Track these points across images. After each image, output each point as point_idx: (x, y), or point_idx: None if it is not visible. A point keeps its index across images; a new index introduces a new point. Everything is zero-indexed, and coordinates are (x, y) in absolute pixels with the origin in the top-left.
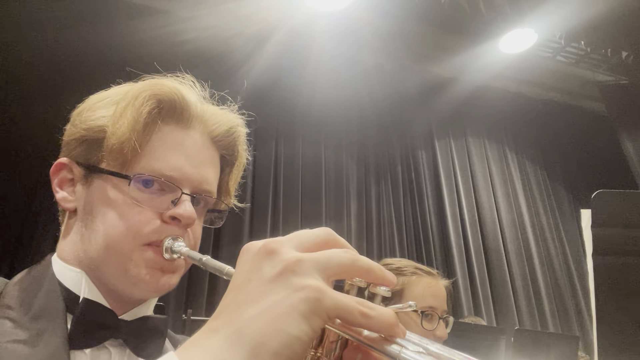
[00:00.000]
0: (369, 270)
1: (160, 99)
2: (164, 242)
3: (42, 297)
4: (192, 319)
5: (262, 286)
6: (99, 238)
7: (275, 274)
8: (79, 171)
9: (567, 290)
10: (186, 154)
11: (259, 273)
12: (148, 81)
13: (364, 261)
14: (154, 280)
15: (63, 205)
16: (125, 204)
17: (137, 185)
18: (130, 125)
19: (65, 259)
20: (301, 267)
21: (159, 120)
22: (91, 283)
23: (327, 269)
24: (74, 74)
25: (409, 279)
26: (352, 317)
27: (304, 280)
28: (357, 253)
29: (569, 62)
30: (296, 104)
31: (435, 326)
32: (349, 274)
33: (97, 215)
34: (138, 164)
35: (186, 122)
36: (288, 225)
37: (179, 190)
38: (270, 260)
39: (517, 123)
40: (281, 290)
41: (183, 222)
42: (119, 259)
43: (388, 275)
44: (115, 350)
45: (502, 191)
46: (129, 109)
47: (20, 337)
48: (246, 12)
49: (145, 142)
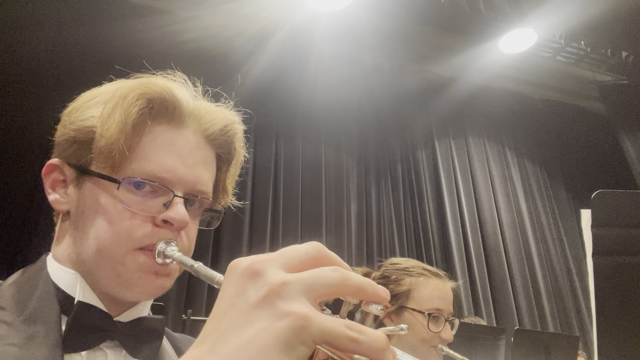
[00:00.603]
0: (359, 289)
1: (150, 98)
2: (156, 246)
3: (36, 299)
4: (192, 319)
5: (246, 312)
6: (91, 242)
7: (259, 299)
8: (70, 172)
9: (567, 290)
10: (178, 155)
11: (243, 297)
12: (137, 80)
13: (354, 280)
14: (147, 284)
15: (55, 207)
16: (115, 208)
17: (128, 188)
18: (119, 127)
19: (59, 260)
20: (286, 290)
21: (148, 121)
22: (86, 285)
23: (314, 290)
24: (74, 74)
25: (416, 280)
26: (340, 342)
27: (289, 306)
28: (347, 270)
29: (569, 62)
30: (296, 104)
31: (441, 328)
32: (339, 294)
33: (88, 218)
34: (129, 166)
35: (178, 121)
36: (288, 225)
37: (170, 192)
38: (254, 283)
39: (517, 123)
40: (265, 317)
41: (175, 225)
42: (111, 263)
43: (380, 292)
44: (111, 352)
45: (502, 191)
46: (117, 109)
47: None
48: (247, 11)
49: (136, 144)
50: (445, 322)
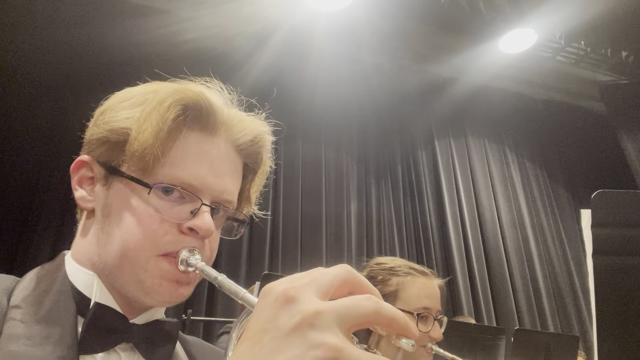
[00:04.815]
0: (392, 321)
1: (186, 105)
2: (180, 253)
3: (52, 298)
4: (192, 319)
5: (278, 339)
6: (115, 244)
7: (292, 327)
8: (99, 171)
9: (567, 290)
10: (210, 164)
11: (275, 322)
12: (175, 85)
13: (388, 311)
14: (168, 292)
15: (81, 204)
16: (144, 211)
17: (157, 192)
18: (154, 132)
19: (79, 260)
20: (320, 320)
21: (184, 128)
22: (103, 287)
23: (347, 321)
24: (74, 74)
25: (403, 280)
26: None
27: (321, 337)
28: (380, 299)
29: (569, 62)
30: (296, 103)
31: (430, 327)
32: (371, 324)
33: (115, 220)
34: (160, 171)
35: (212, 129)
36: (288, 225)
37: (199, 200)
38: (288, 310)
39: (517, 123)
40: (297, 345)
41: (201, 234)
42: (134, 268)
43: (412, 327)
44: (125, 354)
45: (502, 191)
46: (154, 114)
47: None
48: (247, 11)
49: (169, 149)
50: (434, 321)
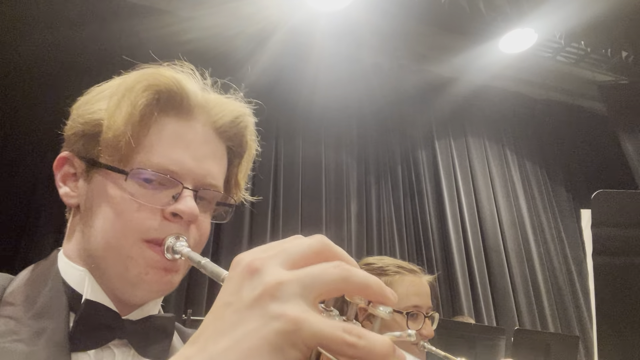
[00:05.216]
0: (364, 287)
1: (157, 90)
2: (165, 240)
3: (45, 295)
4: (192, 319)
5: (239, 312)
6: (98, 235)
7: (253, 299)
8: (80, 165)
9: (567, 290)
10: (187, 147)
11: (238, 295)
12: (144, 71)
13: (358, 277)
14: (156, 280)
15: (66, 201)
16: (123, 199)
17: (136, 180)
18: (125, 118)
19: (69, 256)
20: (281, 291)
21: (155, 112)
22: (94, 282)
23: (312, 290)
24: (75, 74)
25: (392, 279)
26: (337, 347)
27: (281, 308)
28: (351, 266)
29: (569, 62)
30: (296, 103)
31: (421, 325)
32: (340, 292)
33: (96, 211)
34: (136, 158)
35: (187, 113)
36: (288, 224)
37: (179, 184)
38: (251, 282)
39: (517, 123)
40: (257, 318)
41: (185, 218)
42: (119, 256)
43: (388, 292)
44: (119, 351)
45: (502, 191)
46: (124, 100)
47: (21, 336)
48: (247, 11)
49: (144, 136)
50: (424, 319)
